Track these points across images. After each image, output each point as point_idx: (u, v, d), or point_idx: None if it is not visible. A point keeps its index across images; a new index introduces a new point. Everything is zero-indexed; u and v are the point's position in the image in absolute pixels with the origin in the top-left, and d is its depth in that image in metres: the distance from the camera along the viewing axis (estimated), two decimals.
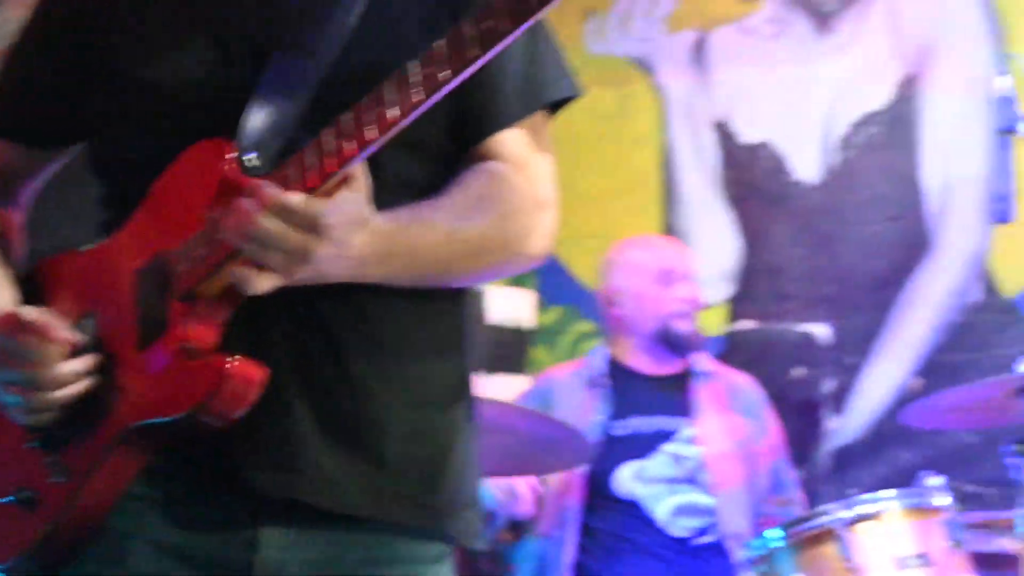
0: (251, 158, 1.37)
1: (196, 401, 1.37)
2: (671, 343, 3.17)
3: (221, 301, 1.38)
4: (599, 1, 4.22)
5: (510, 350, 4.03)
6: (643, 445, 3.13)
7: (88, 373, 1.45)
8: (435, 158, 1.49)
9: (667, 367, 3.24)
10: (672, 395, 3.20)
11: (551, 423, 2.69)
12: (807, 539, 2.43)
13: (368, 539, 1.44)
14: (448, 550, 1.50)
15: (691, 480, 3.11)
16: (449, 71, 1.26)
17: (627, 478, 3.10)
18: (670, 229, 4.14)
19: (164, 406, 1.39)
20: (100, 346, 1.46)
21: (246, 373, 1.36)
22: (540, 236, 1.49)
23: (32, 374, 1.43)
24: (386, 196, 1.37)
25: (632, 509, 3.10)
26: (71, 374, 1.44)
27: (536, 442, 2.57)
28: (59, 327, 1.43)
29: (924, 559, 2.39)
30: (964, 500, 2.90)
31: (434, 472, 1.46)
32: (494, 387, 3.76)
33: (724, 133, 4.05)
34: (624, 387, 3.19)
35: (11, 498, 1.48)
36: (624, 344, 3.26)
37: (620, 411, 3.16)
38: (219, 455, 1.42)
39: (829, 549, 2.39)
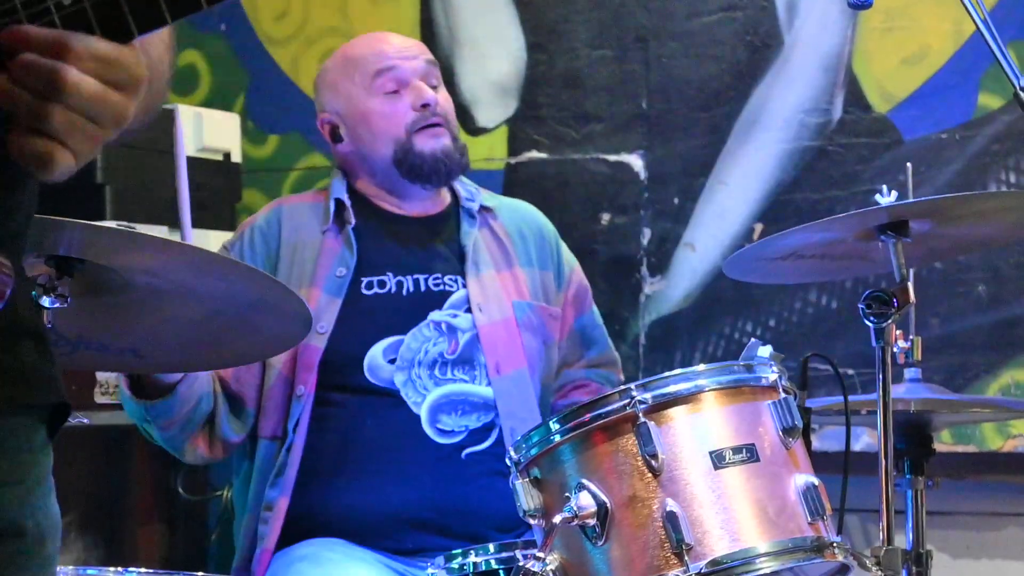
0: None
1: None
2: (416, 170, 2.85)
3: None
4: None
5: (209, 195, 3.71)
6: (400, 311, 2.82)
7: None
8: None
9: (428, 205, 2.92)
10: (438, 242, 2.91)
11: (263, 282, 2.35)
12: (596, 431, 2.19)
13: None
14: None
15: (466, 360, 2.81)
16: None
17: (379, 357, 2.77)
18: (430, 24, 3.91)
19: None
20: None
21: None
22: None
23: None
24: None
25: (384, 402, 2.77)
26: None
27: (238, 312, 2.32)
28: None
29: (748, 453, 2.18)
30: (818, 382, 2.92)
31: None
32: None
33: None
34: (374, 231, 2.87)
35: None
36: (364, 183, 2.94)
37: (369, 263, 2.84)
38: None
39: (625, 443, 2.17)
